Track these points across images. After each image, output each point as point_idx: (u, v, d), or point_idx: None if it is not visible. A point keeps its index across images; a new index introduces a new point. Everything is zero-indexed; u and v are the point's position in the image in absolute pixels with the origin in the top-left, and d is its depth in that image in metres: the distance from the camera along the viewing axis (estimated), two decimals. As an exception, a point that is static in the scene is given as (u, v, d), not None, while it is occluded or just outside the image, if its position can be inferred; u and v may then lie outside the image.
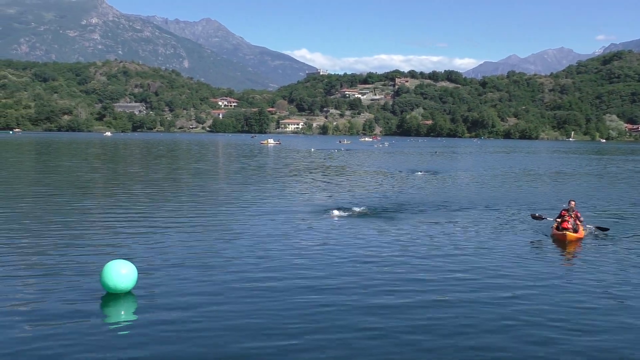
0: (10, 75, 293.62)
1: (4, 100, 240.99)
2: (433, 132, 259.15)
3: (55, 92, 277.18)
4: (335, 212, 20.11)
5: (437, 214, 21.59)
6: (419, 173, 41.82)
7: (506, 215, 21.77)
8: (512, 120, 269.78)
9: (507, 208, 23.79)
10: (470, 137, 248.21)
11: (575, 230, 16.94)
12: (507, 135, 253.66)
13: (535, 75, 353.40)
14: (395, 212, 21.50)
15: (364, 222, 19.22)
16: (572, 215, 17.39)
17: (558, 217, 17.85)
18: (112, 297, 10.57)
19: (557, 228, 17.29)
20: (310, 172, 43.13)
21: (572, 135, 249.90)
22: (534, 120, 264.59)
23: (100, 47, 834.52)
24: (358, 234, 17.36)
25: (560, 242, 16.69)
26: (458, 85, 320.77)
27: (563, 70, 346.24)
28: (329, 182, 34.81)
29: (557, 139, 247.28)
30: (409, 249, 15.36)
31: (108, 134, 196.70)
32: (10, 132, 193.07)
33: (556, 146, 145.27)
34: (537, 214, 19.60)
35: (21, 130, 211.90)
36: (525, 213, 21.90)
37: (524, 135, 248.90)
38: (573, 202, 18.18)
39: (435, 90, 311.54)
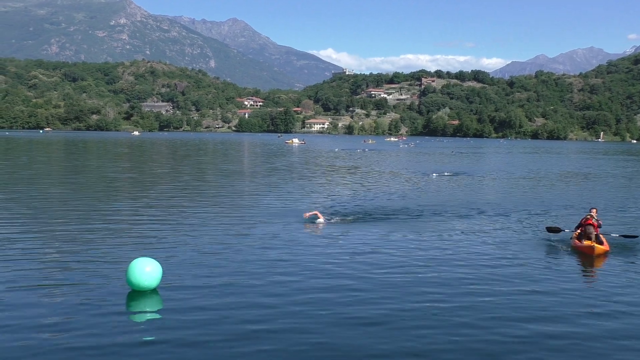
0: (40, 75, 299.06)
1: (34, 100, 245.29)
2: (459, 132, 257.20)
3: (84, 92, 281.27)
4: (321, 220, 18.69)
5: (453, 219, 20.59)
6: (434, 175, 40.48)
7: (524, 222, 20.31)
8: (540, 121, 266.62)
9: (526, 213, 22.45)
10: (497, 137, 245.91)
11: (601, 242, 15.33)
12: (535, 135, 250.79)
13: (564, 75, 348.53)
14: (400, 216, 20.69)
15: (368, 227, 18.62)
16: (595, 225, 15.83)
17: (579, 227, 16.32)
18: (137, 294, 10.72)
19: (579, 238, 15.81)
20: (330, 173, 43.17)
21: (601, 135, 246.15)
22: (563, 121, 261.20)
23: (128, 47, 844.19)
24: (364, 239, 17.06)
25: (587, 256, 14.89)
26: (485, 85, 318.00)
27: (593, 70, 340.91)
28: (343, 184, 34.73)
29: (586, 139, 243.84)
30: (411, 256, 14.50)
31: (136, 133, 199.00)
32: (41, 131, 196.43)
33: (585, 147, 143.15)
34: (553, 227, 17.64)
35: (51, 129, 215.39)
36: (546, 218, 20.96)
37: (552, 136, 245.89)
38: (595, 210, 16.77)
39: (462, 90, 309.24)
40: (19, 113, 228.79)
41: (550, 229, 17.40)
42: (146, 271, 10.70)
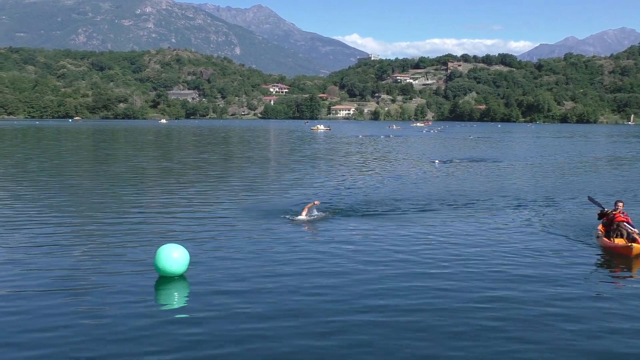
0: (69, 65, 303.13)
1: (63, 90, 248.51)
2: (486, 117, 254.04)
3: (112, 81, 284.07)
4: (277, 221, 16.90)
5: (464, 210, 19.31)
6: (437, 162, 38.30)
7: (543, 213, 18.85)
8: (569, 104, 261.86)
9: (545, 203, 20.91)
10: (525, 121, 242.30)
11: (634, 240, 13.41)
12: (564, 119, 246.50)
13: (594, 57, 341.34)
14: (406, 208, 19.44)
15: (375, 221, 17.83)
16: (625, 221, 14.04)
17: (606, 223, 14.52)
18: (164, 280, 10.91)
19: (607, 236, 14.03)
20: (351, 159, 43.16)
21: (632, 118, 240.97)
22: (592, 104, 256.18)
23: (154, 35, 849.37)
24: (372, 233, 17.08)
25: (623, 256, 13.08)
26: (512, 69, 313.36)
27: (624, 51, 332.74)
28: (358, 171, 34.65)
29: (616, 122, 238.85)
30: (421, 249, 13.84)
31: (163, 121, 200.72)
32: (70, 120, 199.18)
33: (616, 130, 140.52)
34: (595, 199, 16.36)
35: (80, 118, 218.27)
36: (571, 209, 19.42)
37: (582, 119, 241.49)
38: (621, 204, 14.66)
39: (489, 74, 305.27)
40: (48, 102, 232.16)
41: (591, 200, 16.53)
42: (174, 257, 10.87)
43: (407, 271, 11.82)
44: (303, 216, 16.91)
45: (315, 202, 17.87)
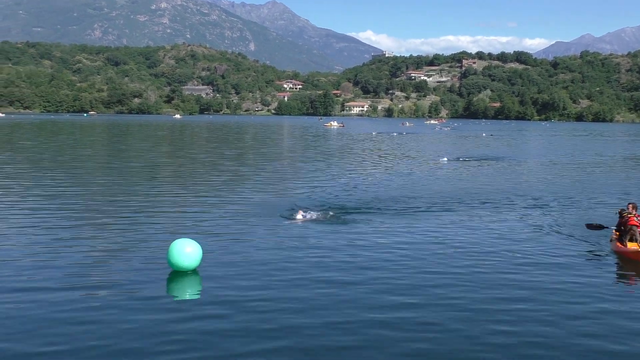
0: (84, 60, 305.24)
1: (79, 84, 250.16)
2: (501, 114, 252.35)
3: (126, 76, 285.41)
4: (288, 217, 16.79)
5: (467, 211, 18.60)
6: (445, 160, 38.05)
7: (557, 214, 18.20)
8: (584, 102, 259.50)
9: (560, 203, 20.31)
10: (540, 119, 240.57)
11: None
12: (580, 117, 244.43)
13: (611, 55, 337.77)
14: (407, 208, 19.07)
15: (383, 218, 17.94)
16: (638, 224, 13.39)
17: (619, 226, 13.86)
18: (177, 274, 11.03)
19: (620, 240, 13.39)
20: (362, 156, 43.15)
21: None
22: (609, 102, 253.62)
23: (169, 31, 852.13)
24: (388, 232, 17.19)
25: (634, 262, 12.62)
26: (528, 67, 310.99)
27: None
28: (371, 168, 34.66)
29: (633, 121, 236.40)
30: (428, 247, 13.82)
31: (177, 116, 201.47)
32: (85, 114, 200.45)
33: (632, 129, 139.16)
34: (594, 223, 15.15)
35: (96, 112, 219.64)
36: (581, 213, 18.53)
37: (598, 118, 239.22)
38: (631, 206, 14.07)
39: (504, 72, 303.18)
40: (64, 97, 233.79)
41: (591, 226, 14.97)
42: (186, 252, 10.99)
43: (414, 270, 11.85)
44: (300, 216, 16.64)
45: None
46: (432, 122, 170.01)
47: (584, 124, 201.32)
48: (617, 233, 13.84)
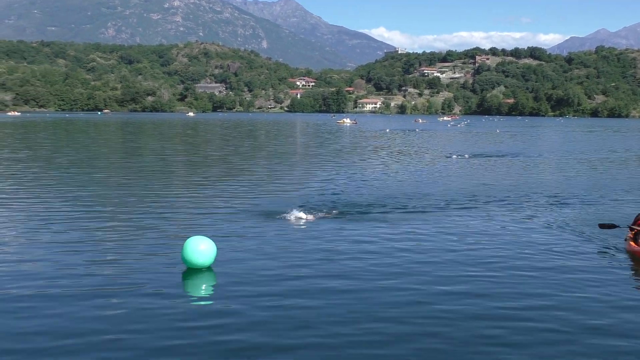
0: (98, 59, 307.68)
1: (93, 83, 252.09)
2: (515, 111, 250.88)
3: (140, 74, 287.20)
4: (300, 215, 16.25)
5: (477, 210, 18.18)
6: (454, 156, 37.65)
7: (572, 212, 17.58)
8: (600, 98, 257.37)
9: (574, 201, 19.84)
10: (554, 115, 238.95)
11: None
12: (595, 113, 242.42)
13: (627, 49, 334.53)
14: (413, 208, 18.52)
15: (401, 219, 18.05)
16: None
17: (633, 224, 13.25)
18: (192, 272, 11.03)
19: (635, 240, 12.73)
20: (375, 154, 43.04)
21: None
22: (625, 98, 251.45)
23: (181, 29, 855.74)
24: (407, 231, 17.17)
25: None
26: (542, 62, 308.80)
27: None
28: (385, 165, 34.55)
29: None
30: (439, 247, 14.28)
31: (191, 114, 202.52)
32: (99, 112, 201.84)
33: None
34: (607, 223, 14.45)
35: (110, 111, 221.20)
36: (597, 211, 17.78)
37: (613, 114, 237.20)
38: None
39: (518, 68, 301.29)
40: (78, 96, 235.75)
41: (603, 226, 14.24)
42: (200, 249, 10.99)
43: (426, 269, 11.77)
44: (301, 214, 16.32)
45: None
46: (445, 118, 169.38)
47: (599, 119, 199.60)
48: (632, 233, 13.13)
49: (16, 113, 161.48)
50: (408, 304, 9.41)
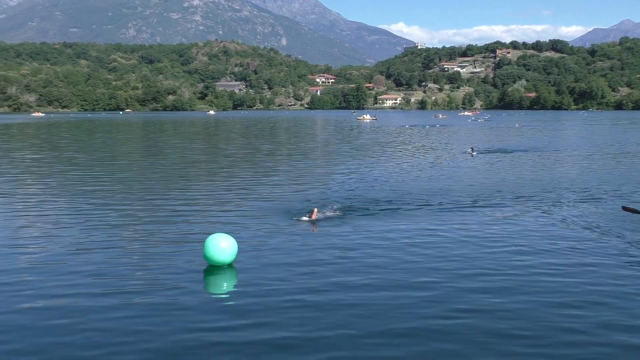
0: (119, 59, 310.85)
1: (114, 83, 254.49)
2: (536, 105, 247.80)
3: (161, 73, 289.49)
4: (321, 212, 16.14)
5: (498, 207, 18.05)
6: (470, 151, 37.11)
7: (592, 209, 17.20)
8: (624, 90, 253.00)
9: (597, 197, 19.63)
10: (578, 109, 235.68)
11: None
12: (619, 106, 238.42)
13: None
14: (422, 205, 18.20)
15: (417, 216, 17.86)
16: None
17: None
18: (213, 269, 11.12)
19: None
20: (394, 150, 42.89)
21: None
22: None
23: (201, 28, 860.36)
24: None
25: None
26: (564, 55, 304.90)
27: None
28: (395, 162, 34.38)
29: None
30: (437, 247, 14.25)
31: (211, 112, 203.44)
32: (121, 112, 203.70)
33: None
34: (630, 207, 14.56)
35: (131, 110, 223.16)
36: (613, 202, 17.96)
37: (638, 106, 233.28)
38: None
39: (539, 61, 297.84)
40: (100, 96, 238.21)
41: (627, 209, 14.42)
42: (222, 247, 11.07)
43: (445, 266, 11.75)
44: (331, 210, 16.40)
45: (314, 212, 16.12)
46: (466, 113, 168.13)
47: (624, 112, 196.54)
48: None
49: (40, 114, 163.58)
50: (431, 301, 9.40)
